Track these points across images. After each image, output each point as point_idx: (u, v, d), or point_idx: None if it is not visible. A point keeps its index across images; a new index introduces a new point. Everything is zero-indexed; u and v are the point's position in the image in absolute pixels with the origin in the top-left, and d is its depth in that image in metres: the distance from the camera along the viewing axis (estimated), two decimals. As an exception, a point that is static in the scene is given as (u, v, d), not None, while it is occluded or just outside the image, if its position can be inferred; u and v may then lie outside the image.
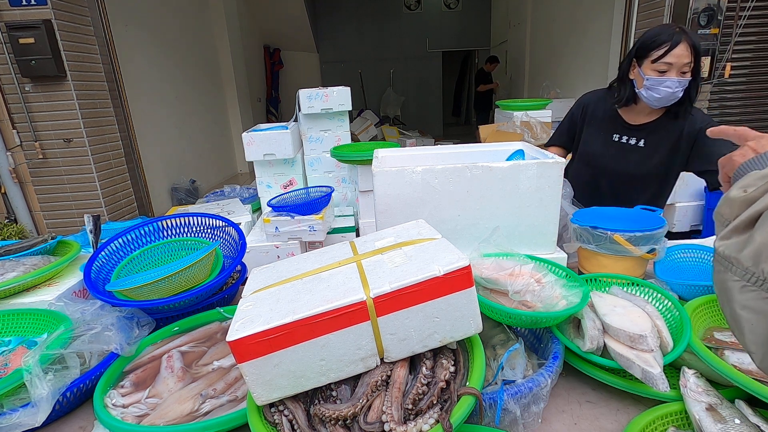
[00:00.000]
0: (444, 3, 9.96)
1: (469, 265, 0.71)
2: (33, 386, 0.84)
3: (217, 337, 1.13)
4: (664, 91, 1.44)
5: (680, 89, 1.43)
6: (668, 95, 1.44)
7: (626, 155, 1.62)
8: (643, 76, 1.46)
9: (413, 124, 9.41)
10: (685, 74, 1.42)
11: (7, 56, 3.02)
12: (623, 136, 1.62)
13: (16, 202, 3.38)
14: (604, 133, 1.66)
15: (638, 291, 1.09)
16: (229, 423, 0.81)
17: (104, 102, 3.49)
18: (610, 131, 1.65)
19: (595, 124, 1.69)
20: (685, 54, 1.39)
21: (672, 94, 1.44)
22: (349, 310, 0.69)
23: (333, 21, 9.81)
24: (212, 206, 2.73)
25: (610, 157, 1.65)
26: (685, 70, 1.41)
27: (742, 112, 3.81)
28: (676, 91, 1.43)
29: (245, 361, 0.68)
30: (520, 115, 3.59)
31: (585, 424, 0.85)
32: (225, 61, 6.61)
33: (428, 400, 0.69)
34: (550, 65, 6.55)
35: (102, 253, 1.27)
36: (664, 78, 1.42)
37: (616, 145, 1.63)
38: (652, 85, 1.45)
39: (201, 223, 1.44)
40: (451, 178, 1.20)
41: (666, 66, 1.41)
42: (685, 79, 1.42)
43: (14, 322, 1.11)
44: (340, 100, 2.62)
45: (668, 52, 1.40)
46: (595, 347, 0.90)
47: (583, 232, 1.29)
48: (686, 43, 1.38)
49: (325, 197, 2.23)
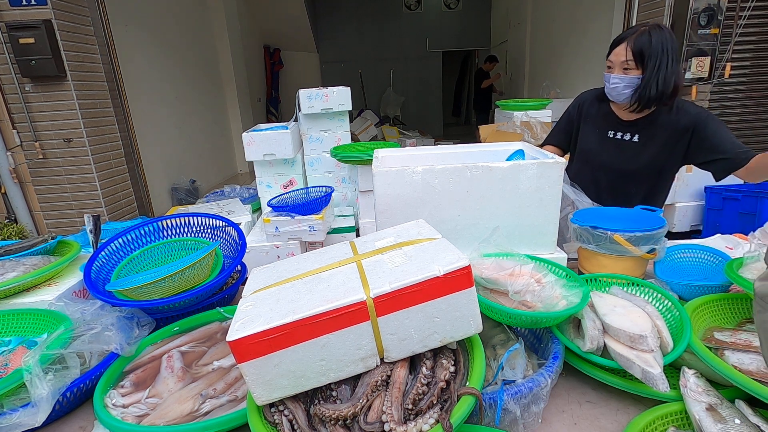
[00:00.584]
0: (444, 3, 9.96)
1: (469, 265, 0.71)
2: (33, 386, 0.84)
3: (217, 337, 1.13)
4: (608, 87, 1.56)
5: (622, 84, 1.51)
6: (611, 90, 1.56)
7: (622, 151, 1.65)
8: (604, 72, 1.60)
9: (413, 124, 9.41)
10: (626, 71, 1.50)
11: (7, 56, 3.02)
12: (617, 132, 1.66)
13: (16, 202, 3.38)
14: (599, 130, 1.70)
15: (638, 291, 1.09)
16: (229, 423, 0.81)
17: (104, 102, 3.49)
18: (605, 128, 1.69)
19: (590, 122, 1.74)
20: (622, 53, 1.48)
21: (614, 88, 1.54)
22: (349, 310, 0.69)
23: (333, 21, 9.81)
24: (212, 206, 2.74)
25: (607, 153, 1.68)
26: (626, 67, 1.49)
27: (742, 112, 3.81)
28: (617, 86, 1.52)
29: (245, 361, 0.68)
30: (520, 115, 3.59)
31: (585, 424, 0.85)
32: (225, 61, 6.61)
33: (428, 400, 0.69)
34: (550, 65, 6.55)
35: (102, 253, 1.27)
36: (608, 74, 1.56)
37: (612, 142, 1.67)
38: (605, 81, 1.59)
39: (201, 223, 1.44)
40: (451, 178, 1.20)
41: (610, 63, 1.55)
42: (627, 75, 1.50)
43: (14, 322, 1.11)
44: (340, 100, 2.63)
45: (610, 51, 1.55)
46: (595, 347, 0.90)
47: (583, 232, 1.29)
48: (626, 43, 1.48)
49: (325, 197, 2.23)
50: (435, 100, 10.69)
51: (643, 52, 1.46)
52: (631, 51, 1.47)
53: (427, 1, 9.92)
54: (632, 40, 1.47)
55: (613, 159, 1.67)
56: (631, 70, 1.49)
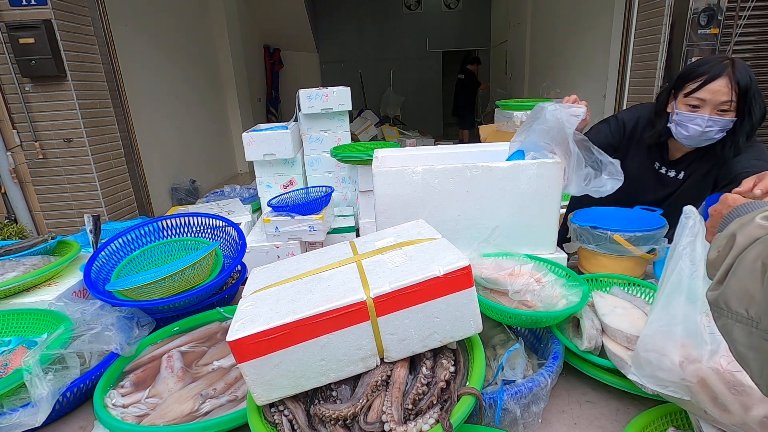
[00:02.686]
0: (444, 3, 9.95)
1: (469, 265, 0.71)
2: (33, 386, 0.84)
3: (217, 337, 1.13)
4: (693, 129, 1.28)
5: (714, 129, 1.26)
6: (697, 134, 1.28)
7: (663, 186, 1.51)
8: (675, 110, 1.33)
9: (413, 124, 9.41)
10: (724, 113, 1.24)
11: (7, 56, 3.02)
12: (662, 167, 1.50)
13: (16, 202, 3.38)
14: (644, 159, 1.52)
15: (638, 291, 1.09)
16: (229, 423, 0.81)
17: (104, 102, 3.49)
18: (651, 158, 1.51)
19: (640, 147, 1.53)
20: (724, 91, 1.21)
21: (702, 133, 1.27)
22: (349, 310, 0.69)
23: (333, 21, 9.81)
24: (212, 206, 2.73)
25: (649, 185, 1.53)
26: (724, 108, 1.23)
27: (742, 112, 3.81)
28: (707, 130, 1.26)
29: (245, 361, 0.68)
30: (520, 115, 3.59)
31: (585, 424, 0.85)
32: (225, 61, 6.60)
33: (428, 400, 0.69)
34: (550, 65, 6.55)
35: (102, 253, 1.27)
36: (695, 114, 1.27)
37: (656, 174, 1.51)
38: (680, 121, 1.31)
39: (201, 223, 1.44)
40: (451, 178, 1.20)
41: (698, 101, 1.26)
42: (722, 118, 1.24)
43: (14, 322, 1.11)
44: (340, 100, 2.62)
45: (702, 86, 1.24)
46: (593, 347, 0.90)
47: (583, 232, 1.29)
48: (727, 78, 1.21)
49: (325, 197, 2.23)
50: (435, 100, 10.69)
51: (748, 90, 1.21)
52: (736, 90, 1.20)
53: (427, 1, 9.92)
54: (733, 74, 1.20)
55: (653, 192, 1.53)
56: (729, 113, 1.24)
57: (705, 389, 0.67)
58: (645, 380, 0.75)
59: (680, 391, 0.70)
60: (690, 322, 0.70)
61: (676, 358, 0.70)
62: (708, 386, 0.67)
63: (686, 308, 0.71)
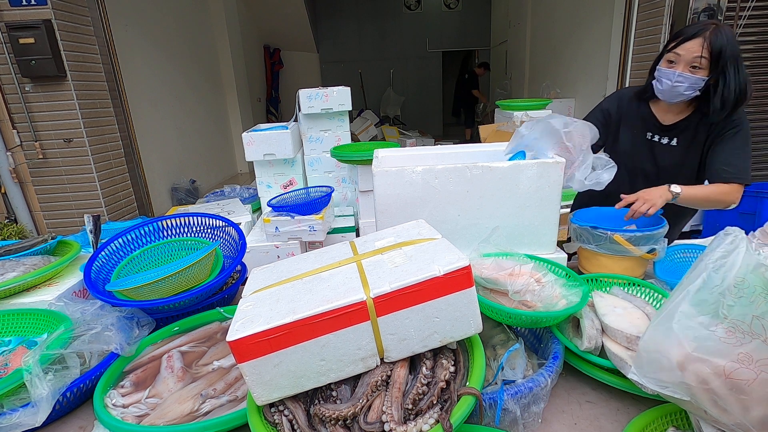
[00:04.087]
0: (444, 3, 9.95)
1: (469, 265, 0.71)
2: (33, 386, 0.84)
3: (217, 337, 1.13)
4: (665, 83, 1.40)
5: (684, 85, 1.36)
6: (669, 88, 1.39)
7: (661, 154, 1.56)
8: (658, 66, 1.44)
9: (413, 124, 9.41)
10: (695, 70, 1.35)
11: (7, 56, 3.02)
12: (655, 135, 1.56)
13: (16, 202, 3.38)
14: (636, 132, 1.60)
15: (638, 291, 1.09)
16: (229, 423, 0.81)
17: (104, 102, 3.49)
18: (643, 130, 1.59)
19: (629, 123, 1.62)
20: (696, 49, 1.32)
21: (672, 87, 1.38)
22: (349, 310, 0.69)
23: (333, 21, 9.81)
24: (212, 206, 2.73)
25: (644, 156, 1.59)
26: (695, 65, 1.34)
27: (742, 112, 3.81)
28: (676, 85, 1.37)
29: (245, 361, 0.68)
30: (520, 115, 3.59)
31: (585, 424, 0.85)
32: (225, 61, 6.61)
33: (428, 400, 0.69)
34: (550, 65, 6.55)
35: (102, 253, 1.27)
36: (669, 70, 1.38)
37: (650, 144, 1.58)
38: (658, 76, 1.42)
39: (201, 223, 1.44)
40: (451, 178, 1.20)
41: (674, 57, 1.37)
42: (692, 75, 1.35)
43: (14, 322, 1.11)
44: (340, 100, 2.62)
45: (679, 44, 1.36)
46: (593, 347, 0.90)
47: (583, 232, 1.29)
48: (702, 38, 1.31)
49: (325, 197, 2.23)
50: (435, 100, 10.69)
51: (722, 52, 1.30)
52: (708, 49, 1.31)
53: (427, 1, 9.92)
54: (709, 36, 1.31)
55: (652, 163, 1.58)
56: (700, 70, 1.34)
57: (704, 390, 0.67)
58: (645, 380, 0.75)
59: (680, 392, 0.71)
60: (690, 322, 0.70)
61: (675, 359, 0.70)
62: (708, 387, 0.67)
63: (689, 309, 0.71)
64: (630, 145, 1.61)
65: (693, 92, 1.38)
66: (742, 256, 0.68)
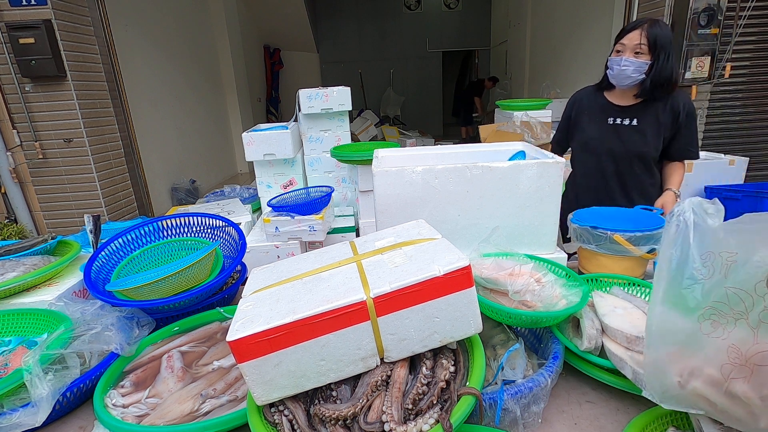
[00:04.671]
0: (444, 3, 9.96)
1: (469, 265, 0.71)
2: (33, 386, 0.84)
3: (217, 337, 1.13)
4: (615, 69, 1.64)
5: (630, 68, 1.60)
6: (618, 71, 1.63)
7: (625, 135, 1.73)
8: (609, 57, 1.69)
9: (413, 124, 9.41)
10: (638, 55, 1.59)
11: (7, 56, 3.02)
12: (617, 118, 1.75)
13: (16, 202, 3.38)
14: (598, 119, 1.79)
15: (638, 292, 1.09)
16: (229, 423, 0.81)
17: (104, 102, 3.49)
18: (604, 116, 1.77)
19: (587, 114, 1.83)
20: (636, 38, 1.58)
21: (621, 71, 1.62)
22: (349, 310, 0.69)
23: (333, 21, 9.81)
24: (212, 206, 2.73)
25: (609, 138, 1.76)
26: (637, 51, 1.59)
27: (742, 112, 3.81)
28: (624, 68, 1.61)
29: (245, 361, 0.68)
30: (520, 115, 3.59)
31: (585, 424, 0.85)
32: (225, 61, 6.61)
33: (428, 400, 0.69)
34: (550, 65, 6.55)
35: (102, 253, 1.27)
36: (617, 57, 1.64)
37: (612, 128, 1.76)
38: (610, 64, 1.68)
39: (201, 223, 1.44)
40: (451, 178, 1.20)
41: (621, 46, 1.63)
42: (636, 60, 1.59)
43: (14, 322, 1.11)
44: (340, 100, 2.62)
45: (623, 36, 1.63)
46: (593, 347, 0.90)
47: (583, 232, 1.29)
48: (641, 29, 1.58)
49: (325, 197, 2.23)
50: (435, 100, 10.69)
51: (657, 41, 1.56)
52: (646, 37, 1.57)
53: (427, 1, 9.92)
54: (646, 27, 1.57)
55: (617, 144, 1.74)
56: (642, 55, 1.59)
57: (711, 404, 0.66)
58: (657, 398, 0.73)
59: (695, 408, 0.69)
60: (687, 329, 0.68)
61: (674, 378, 0.68)
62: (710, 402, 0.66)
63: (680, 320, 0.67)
64: (593, 131, 1.81)
65: (639, 75, 1.61)
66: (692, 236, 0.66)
